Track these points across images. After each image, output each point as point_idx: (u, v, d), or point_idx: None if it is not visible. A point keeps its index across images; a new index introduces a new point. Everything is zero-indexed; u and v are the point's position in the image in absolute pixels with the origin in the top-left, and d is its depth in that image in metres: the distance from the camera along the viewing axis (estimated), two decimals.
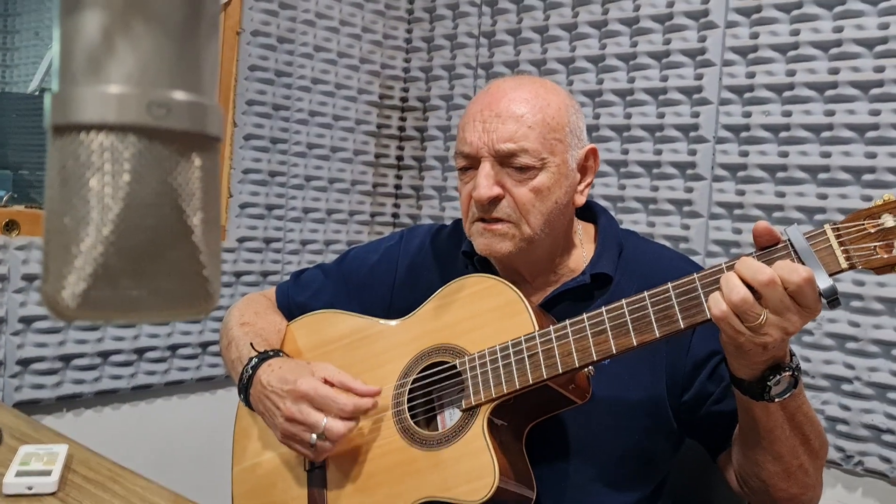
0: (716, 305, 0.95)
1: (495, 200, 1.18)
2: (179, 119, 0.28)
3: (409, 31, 2.87)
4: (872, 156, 1.88)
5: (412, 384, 1.22)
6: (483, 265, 1.32)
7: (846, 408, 1.92)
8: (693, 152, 2.16)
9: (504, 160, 1.17)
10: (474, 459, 1.11)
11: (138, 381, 2.27)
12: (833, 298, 0.93)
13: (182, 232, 0.28)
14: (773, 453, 1.07)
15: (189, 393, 2.44)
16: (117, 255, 0.28)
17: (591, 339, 1.07)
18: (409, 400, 1.22)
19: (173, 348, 2.34)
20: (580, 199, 1.27)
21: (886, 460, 1.87)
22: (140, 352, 2.27)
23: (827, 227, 0.96)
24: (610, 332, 1.06)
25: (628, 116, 2.28)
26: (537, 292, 1.29)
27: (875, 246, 0.93)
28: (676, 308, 1.02)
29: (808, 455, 1.08)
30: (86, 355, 2.14)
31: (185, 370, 2.38)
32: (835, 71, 1.94)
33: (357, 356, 1.31)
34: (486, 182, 1.16)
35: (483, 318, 1.18)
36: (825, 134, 1.95)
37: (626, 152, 2.28)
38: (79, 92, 0.29)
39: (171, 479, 1.42)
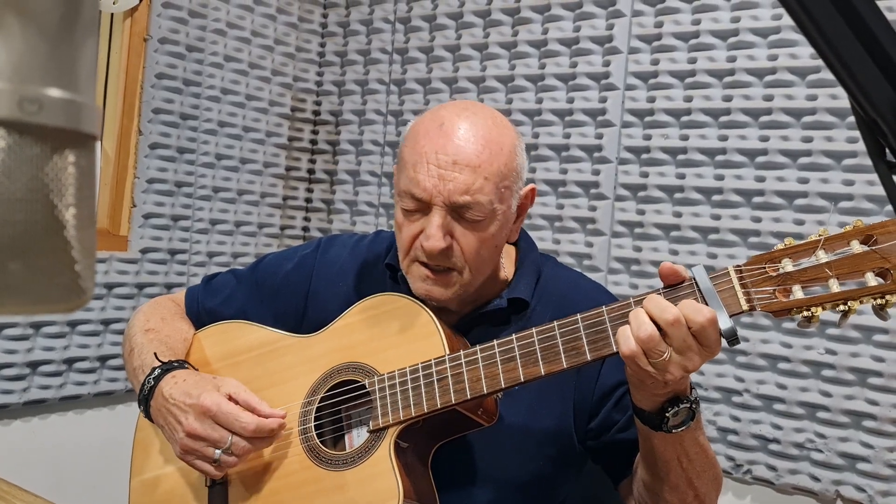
0: (625, 341, 0.97)
1: (444, 250, 1.14)
2: (52, 115, 0.28)
3: (322, 45, 2.87)
4: (762, 179, 1.99)
5: (320, 402, 1.21)
6: (406, 280, 1.30)
7: (736, 418, 2.01)
8: (597, 172, 2.24)
9: (457, 210, 1.13)
10: (379, 482, 1.10)
11: (31, 396, 2.17)
12: (733, 338, 0.95)
13: (53, 227, 0.28)
14: (669, 484, 1.10)
15: (86, 408, 2.35)
16: None
17: (500, 367, 1.08)
18: (317, 418, 1.20)
19: (69, 362, 2.25)
20: (513, 236, 1.27)
21: (772, 468, 1.96)
22: (33, 365, 2.17)
23: (731, 268, 0.98)
24: (519, 360, 1.07)
25: (536, 136, 2.34)
26: (457, 311, 1.28)
27: (774, 290, 0.95)
28: (584, 340, 1.04)
29: (703, 488, 1.11)
30: None
31: (83, 384, 2.29)
32: (728, 98, 2.05)
33: (265, 369, 1.28)
34: (438, 234, 1.12)
35: (395, 339, 1.18)
36: (719, 157, 2.05)
37: (533, 171, 2.34)
38: None
39: (66, 497, 1.37)
